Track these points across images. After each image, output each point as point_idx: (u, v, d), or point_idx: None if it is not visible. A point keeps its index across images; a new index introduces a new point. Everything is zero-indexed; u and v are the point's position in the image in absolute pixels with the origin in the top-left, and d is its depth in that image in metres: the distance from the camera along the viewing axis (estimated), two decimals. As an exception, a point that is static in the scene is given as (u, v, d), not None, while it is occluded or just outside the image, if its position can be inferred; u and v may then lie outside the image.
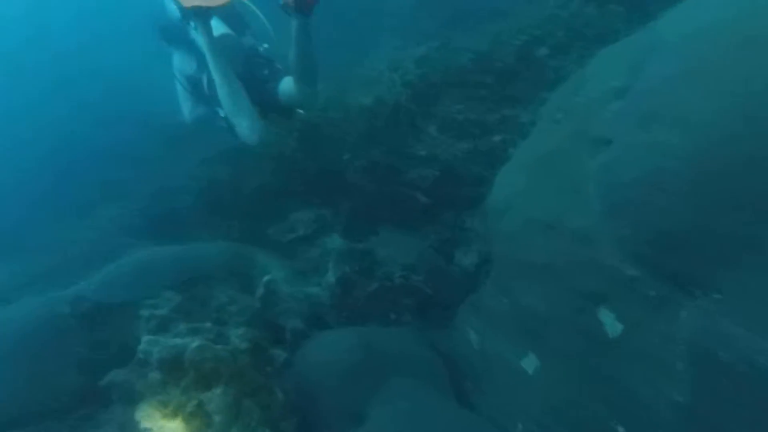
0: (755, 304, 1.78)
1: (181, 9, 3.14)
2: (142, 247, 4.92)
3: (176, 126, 6.69)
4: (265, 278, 3.11)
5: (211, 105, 4.34)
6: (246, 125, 4.07)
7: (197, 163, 5.98)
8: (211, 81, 3.96)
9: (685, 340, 2.07)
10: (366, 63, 6.02)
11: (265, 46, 4.89)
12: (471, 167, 3.87)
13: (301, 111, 4.89)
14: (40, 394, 2.89)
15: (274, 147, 5.64)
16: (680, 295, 2.21)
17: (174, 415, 1.94)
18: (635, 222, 2.52)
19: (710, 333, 1.98)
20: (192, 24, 3.61)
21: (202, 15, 3.50)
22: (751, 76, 1.94)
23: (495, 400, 3.09)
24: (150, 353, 2.29)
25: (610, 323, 2.57)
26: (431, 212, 4.08)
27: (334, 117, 5.30)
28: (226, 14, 4.43)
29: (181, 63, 4.57)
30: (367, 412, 2.72)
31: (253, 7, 4.82)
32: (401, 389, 2.95)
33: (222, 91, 3.88)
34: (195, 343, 2.28)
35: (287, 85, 4.31)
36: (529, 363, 2.97)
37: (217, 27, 4.09)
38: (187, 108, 4.80)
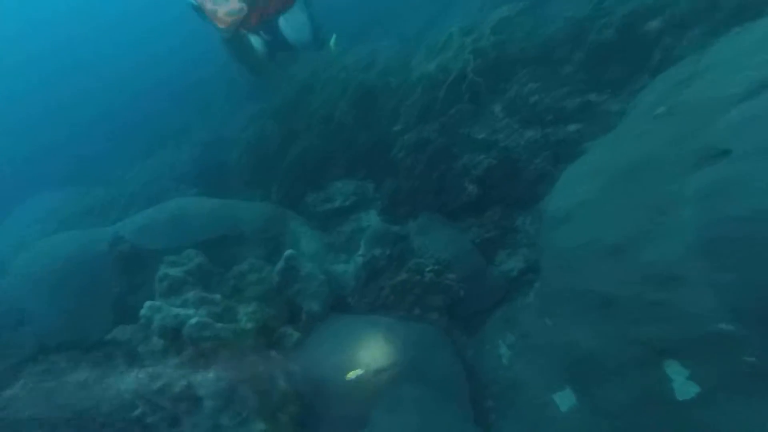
0: None
1: None
2: (186, 194, 5.06)
3: (237, 79, 6.70)
4: (287, 252, 2.93)
5: None
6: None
7: (251, 116, 5.91)
8: None
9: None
10: (436, 22, 5.38)
11: None
12: (533, 159, 3.31)
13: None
14: (73, 326, 3.05)
15: (326, 108, 5.37)
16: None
17: (161, 392, 1.89)
18: (744, 267, 1.92)
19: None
20: None
21: None
22: None
23: (517, 429, 2.75)
24: (151, 319, 2.24)
25: (681, 382, 2.07)
26: (478, 204, 3.62)
27: (391, 82, 4.85)
28: None
29: None
30: (373, 417, 2.53)
31: None
32: (413, 397, 2.71)
33: None
34: (194, 319, 2.18)
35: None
36: (564, 399, 2.56)
37: None
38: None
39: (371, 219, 4.44)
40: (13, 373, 2.62)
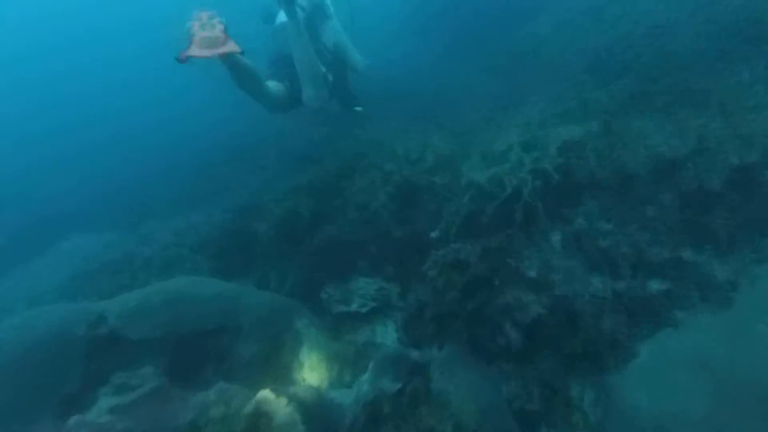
0: None
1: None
2: (200, 268, 4.78)
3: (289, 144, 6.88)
4: (260, 394, 2.35)
5: None
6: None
7: (291, 188, 5.75)
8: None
9: None
10: (495, 128, 5.08)
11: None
12: (600, 318, 2.57)
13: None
14: (17, 416, 2.57)
15: (364, 195, 5.06)
16: None
17: None
18: None
19: None
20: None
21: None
22: None
23: None
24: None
25: None
26: (522, 355, 2.86)
27: (437, 183, 4.47)
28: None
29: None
30: None
31: None
32: None
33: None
34: None
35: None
36: None
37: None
38: None
39: (388, 334, 3.79)
40: None
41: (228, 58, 3.19)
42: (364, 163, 5.71)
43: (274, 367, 3.41)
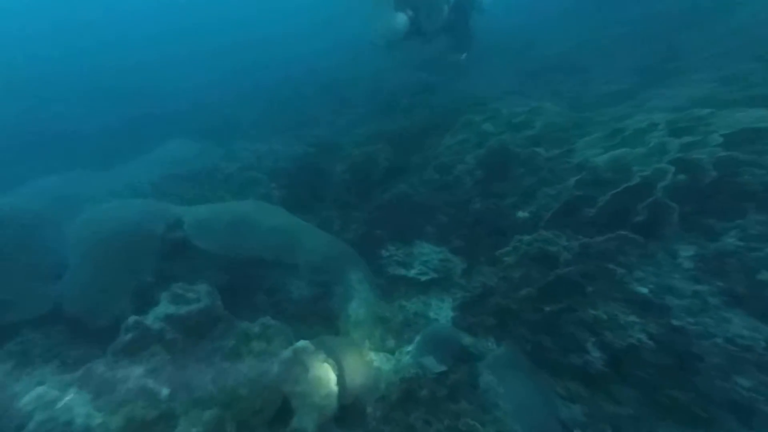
0: None
1: None
2: (270, 196, 4.82)
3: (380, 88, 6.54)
4: (301, 343, 2.22)
5: None
6: None
7: (369, 134, 5.47)
8: None
9: None
10: (632, 102, 4.07)
11: None
12: (735, 369, 1.91)
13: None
14: (89, 301, 2.85)
15: (450, 155, 4.54)
16: None
17: None
18: None
19: None
20: None
21: None
22: None
23: None
24: (30, 416, 1.72)
25: None
26: (600, 382, 2.33)
27: (540, 155, 3.76)
28: None
29: None
30: None
31: None
32: None
33: None
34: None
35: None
36: None
37: None
38: None
39: (442, 311, 3.45)
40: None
41: None
42: (460, 120, 5.13)
43: (321, 313, 3.34)
